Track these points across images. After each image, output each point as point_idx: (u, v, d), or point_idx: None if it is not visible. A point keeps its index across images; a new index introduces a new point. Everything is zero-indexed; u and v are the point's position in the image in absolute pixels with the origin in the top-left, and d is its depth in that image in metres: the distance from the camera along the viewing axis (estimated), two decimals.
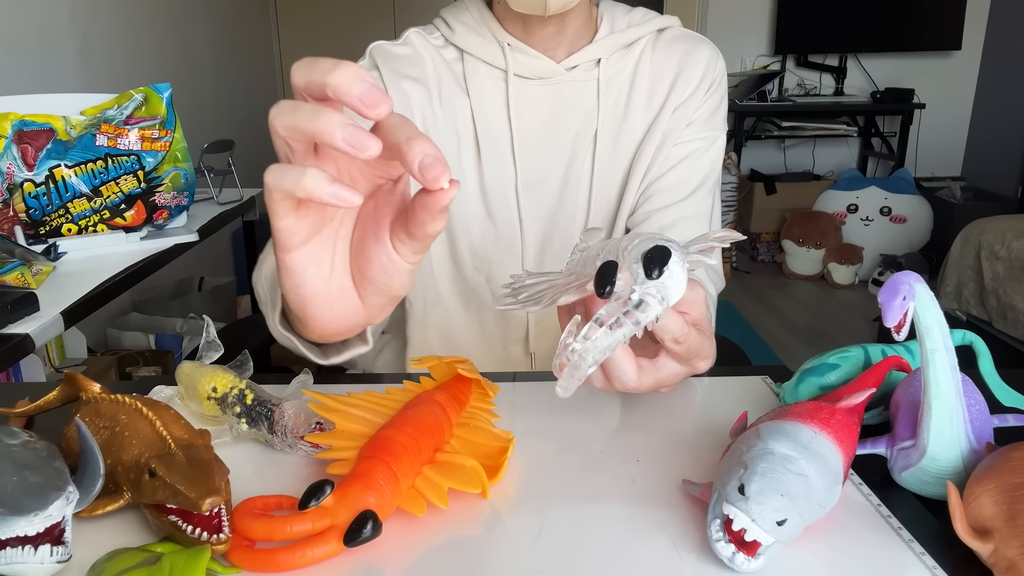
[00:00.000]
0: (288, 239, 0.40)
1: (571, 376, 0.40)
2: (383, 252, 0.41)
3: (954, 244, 2.80)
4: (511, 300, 0.50)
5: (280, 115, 0.35)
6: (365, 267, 0.42)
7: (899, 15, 3.88)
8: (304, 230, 0.40)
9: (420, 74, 0.82)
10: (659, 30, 0.84)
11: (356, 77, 0.33)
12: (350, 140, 0.33)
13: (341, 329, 0.47)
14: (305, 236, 0.40)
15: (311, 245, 0.41)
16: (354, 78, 0.33)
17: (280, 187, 0.35)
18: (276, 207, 0.38)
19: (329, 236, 0.42)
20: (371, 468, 0.43)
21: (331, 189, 0.34)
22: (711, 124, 0.83)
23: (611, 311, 0.40)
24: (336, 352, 0.59)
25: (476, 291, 0.87)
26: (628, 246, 0.42)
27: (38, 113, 1.19)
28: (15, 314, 0.89)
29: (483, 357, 0.88)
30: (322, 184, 0.34)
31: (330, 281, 0.43)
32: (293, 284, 0.42)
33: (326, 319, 0.45)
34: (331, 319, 0.45)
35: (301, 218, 0.39)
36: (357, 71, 0.33)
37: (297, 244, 0.40)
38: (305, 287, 0.42)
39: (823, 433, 0.44)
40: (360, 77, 0.33)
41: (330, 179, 0.34)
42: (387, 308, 0.45)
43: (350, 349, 0.58)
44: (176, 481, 0.40)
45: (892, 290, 0.43)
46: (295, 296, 0.43)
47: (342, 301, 0.44)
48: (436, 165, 0.34)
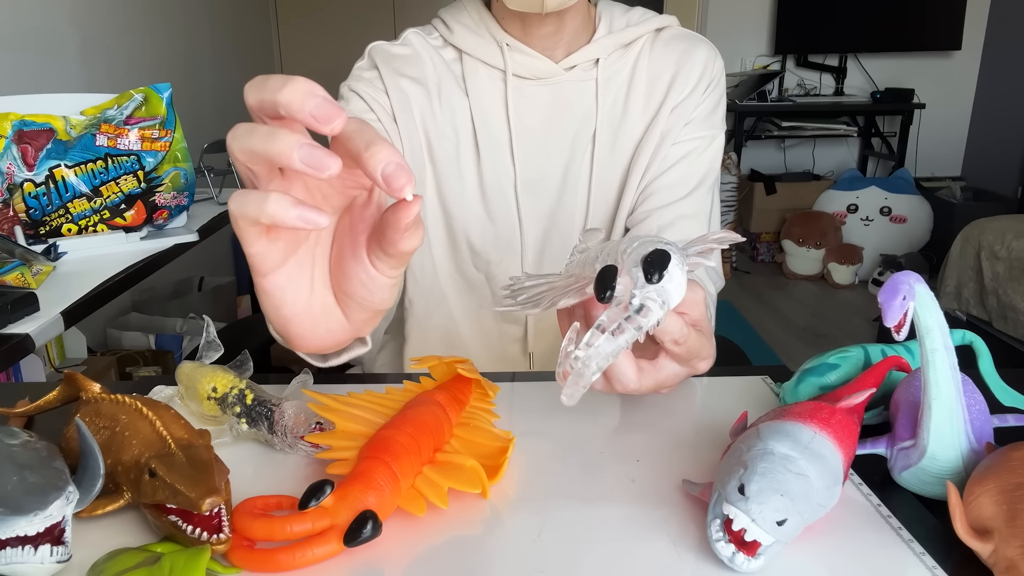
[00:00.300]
0: (262, 264, 0.38)
1: (575, 384, 0.40)
2: (361, 269, 0.40)
3: (954, 244, 2.80)
4: (510, 302, 0.50)
5: (236, 140, 0.34)
6: (345, 284, 0.41)
7: (899, 15, 3.88)
8: (277, 253, 0.38)
9: (419, 74, 0.82)
10: (657, 29, 0.84)
11: (306, 92, 0.32)
12: (307, 161, 0.32)
13: (327, 345, 0.45)
14: (279, 259, 0.39)
15: (287, 267, 0.40)
16: (303, 93, 0.32)
17: (244, 215, 0.34)
18: (244, 234, 0.36)
19: (306, 255, 0.41)
20: (371, 468, 0.43)
21: (296, 212, 0.33)
22: (709, 123, 0.83)
23: (612, 317, 0.40)
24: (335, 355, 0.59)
25: (476, 290, 0.87)
26: (627, 249, 0.42)
27: (38, 113, 1.19)
28: (15, 314, 0.89)
29: (482, 356, 0.88)
30: (286, 209, 0.33)
31: (311, 300, 0.42)
32: (273, 306, 0.41)
33: (310, 337, 0.44)
34: (315, 337, 0.44)
35: (273, 242, 0.38)
36: (307, 86, 0.32)
37: (272, 268, 0.39)
38: (285, 308, 0.41)
39: (823, 433, 0.44)
40: (310, 92, 0.32)
41: (294, 203, 0.33)
42: (372, 322, 0.44)
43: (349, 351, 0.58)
44: (176, 481, 0.40)
45: (892, 290, 0.43)
46: (276, 317, 0.42)
47: (325, 318, 0.43)
48: (400, 174, 0.33)
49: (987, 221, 2.74)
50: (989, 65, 4.05)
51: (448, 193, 0.83)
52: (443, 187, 0.83)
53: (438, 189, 0.84)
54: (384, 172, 0.33)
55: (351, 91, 0.81)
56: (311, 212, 0.33)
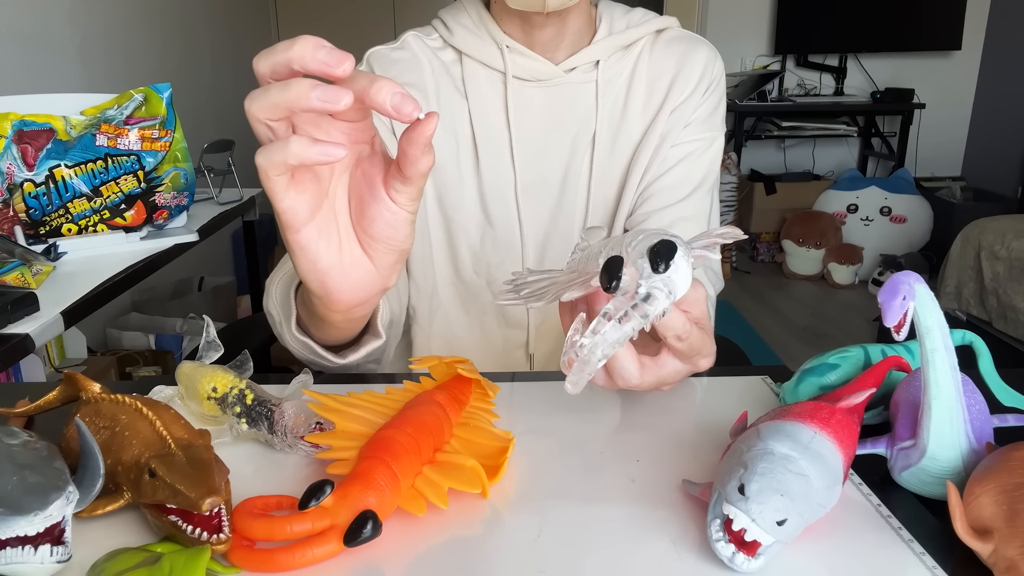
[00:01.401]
0: (294, 218, 0.43)
1: (580, 371, 0.41)
2: (383, 207, 0.44)
3: (954, 244, 2.80)
4: (512, 296, 0.50)
5: (255, 100, 0.38)
6: (369, 227, 0.45)
7: (899, 15, 3.88)
8: (305, 206, 0.43)
9: (418, 79, 0.82)
10: (658, 31, 0.84)
11: (315, 45, 0.36)
12: (323, 97, 0.36)
13: (362, 298, 0.50)
14: (308, 212, 0.43)
15: (316, 221, 0.44)
16: (313, 46, 0.36)
17: (272, 161, 0.38)
18: (274, 186, 0.40)
19: (329, 212, 0.45)
20: (371, 468, 0.43)
21: (318, 148, 0.37)
22: (709, 125, 0.83)
23: (619, 305, 0.40)
24: (352, 351, 0.59)
25: (476, 295, 0.87)
26: (632, 242, 0.42)
27: (38, 113, 1.19)
28: (15, 314, 0.89)
29: (485, 362, 0.88)
30: (308, 146, 0.37)
31: (341, 252, 0.46)
32: (309, 261, 0.45)
33: (345, 289, 0.48)
34: (350, 288, 0.48)
35: (300, 193, 0.42)
36: (314, 40, 0.36)
37: (304, 221, 0.43)
38: (320, 261, 0.45)
39: (823, 433, 0.44)
40: (319, 44, 0.36)
41: (313, 141, 0.37)
42: (398, 266, 0.49)
43: (365, 345, 0.59)
44: (176, 481, 0.40)
45: (892, 290, 0.43)
46: (313, 274, 0.46)
47: (356, 268, 0.47)
48: (406, 101, 0.37)
49: (987, 221, 2.74)
50: (989, 65, 4.05)
51: (448, 198, 0.83)
52: (443, 193, 0.83)
53: (438, 195, 0.83)
54: (392, 103, 0.37)
55: None
56: (330, 145, 0.37)
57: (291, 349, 0.64)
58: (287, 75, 0.37)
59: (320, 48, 0.36)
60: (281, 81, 0.37)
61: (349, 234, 0.47)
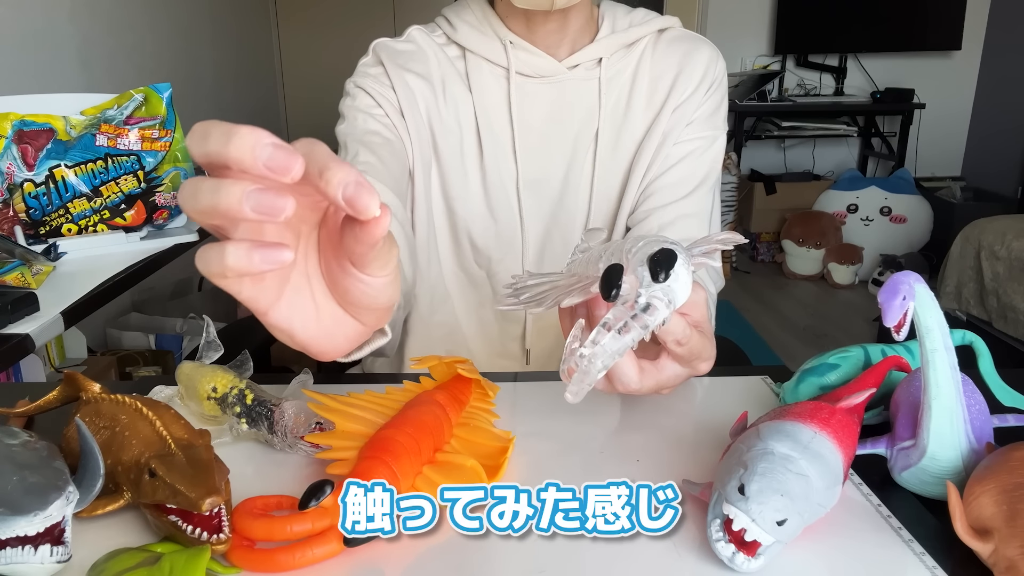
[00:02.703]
0: (258, 304, 0.37)
1: (581, 381, 0.40)
2: (354, 279, 0.38)
3: (954, 244, 2.80)
4: (513, 300, 0.50)
5: (185, 199, 0.32)
6: (345, 295, 0.40)
7: (899, 15, 3.88)
8: (269, 291, 0.37)
9: (424, 70, 0.82)
10: (660, 30, 0.84)
11: (254, 144, 0.30)
12: (259, 210, 0.30)
13: (352, 347, 0.45)
14: (273, 295, 0.37)
15: (285, 298, 0.38)
16: (251, 146, 0.30)
17: (210, 272, 0.32)
18: (225, 286, 0.34)
19: (300, 280, 0.39)
20: (371, 468, 0.43)
21: (259, 257, 0.31)
22: (711, 124, 0.83)
23: (618, 315, 0.40)
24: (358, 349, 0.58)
25: (477, 287, 0.87)
26: (632, 249, 0.42)
27: (38, 113, 1.19)
28: (15, 314, 0.89)
29: (482, 353, 0.88)
30: (247, 258, 0.31)
31: (319, 319, 0.40)
32: (286, 337, 0.40)
33: (331, 350, 0.43)
34: (336, 347, 0.43)
35: (258, 283, 0.36)
36: (253, 136, 0.30)
37: (270, 304, 0.37)
38: (297, 335, 0.40)
39: (823, 433, 0.44)
40: (258, 142, 0.30)
41: (251, 248, 0.31)
42: (385, 317, 0.43)
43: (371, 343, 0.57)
44: (176, 481, 0.40)
45: (892, 290, 0.43)
46: (292, 344, 0.41)
47: (339, 328, 0.42)
48: (361, 193, 0.31)
49: (987, 221, 2.73)
50: (989, 65, 4.05)
51: (452, 189, 0.83)
52: (447, 183, 0.83)
53: (443, 185, 0.84)
54: (344, 195, 0.31)
55: (357, 87, 0.81)
56: (271, 252, 0.32)
57: None
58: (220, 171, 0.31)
59: (261, 149, 0.29)
60: (212, 182, 0.31)
61: (326, 297, 0.40)
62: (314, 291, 0.40)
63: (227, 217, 0.31)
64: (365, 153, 0.75)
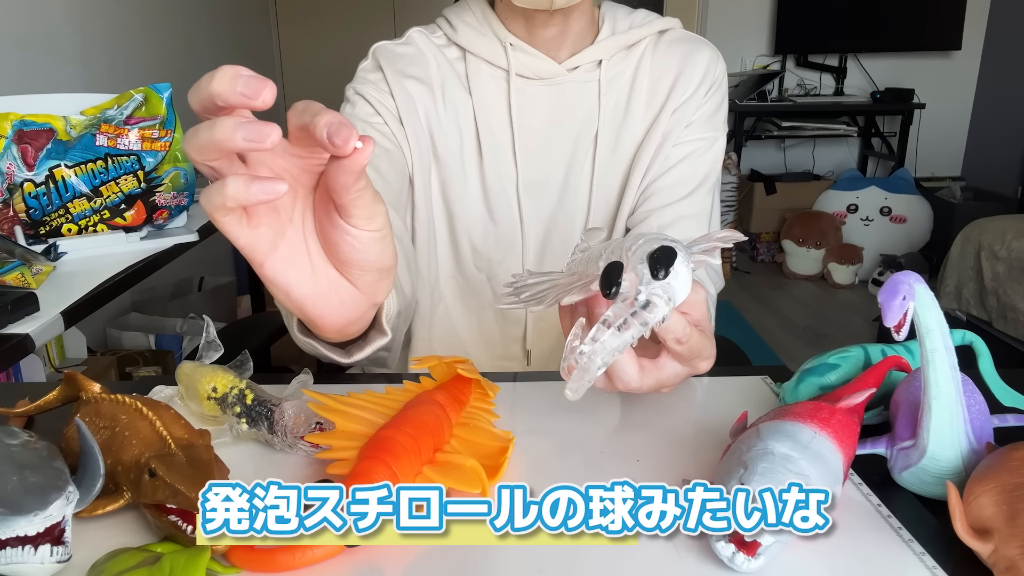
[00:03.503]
0: (254, 253, 0.40)
1: (580, 379, 0.40)
2: (342, 231, 0.40)
3: (954, 244, 2.80)
4: (513, 299, 0.50)
5: (187, 141, 0.36)
6: (336, 252, 0.42)
7: (899, 15, 3.88)
8: (264, 240, 0.40)
9: (423, 73, 0.82)
10: (660, 32, 0.84)
11: (231, 76, 0.34)
12: (248, 136, 0.34)
13: (349, 319, 0.47)
14: (269, 245, 0.40)
15: (281, 252, 0.41)
16: (230, 77, 0.34)
17: (212, 204, 0.36)
18: (225, 226, 0.38)
19: (296, 236, 0.42)
20: (371, 468, 0.43)
21: (256, 187, 0.35)
22: (711, 125, 0.83)
23: (618, 312, 0.40)
24: (358, 348, 0.58)
25: (477, 290, 0.87)
26: (632, 246, 0.42)
27: (38, 113, 1.19)
28: (15, 314, 0.89)
29: (483, 356, 0.88)
30: (245, 186, 0.35)
31: (315, 278, 0.43)
32: (282, 292, 0.42)
33: (328, 314, 0.45)
34: (332, 312, 0.45)
35: (255, 228, 0.39)
36: (231, 70, 0.34)
37: (266, 254, 0.40)
38: (292, 291, 0.42)
39: (823, 433, 0.44)
40: (236, 74, 0.34)
41: (249, 179, 0.35)
42: (382, 283, 0.45)
43: (371, 343, 0.57)
44: (176, 481, 0.41)
45: (892, 290, 0.43)
46: (289, 303, 0.43)
47: (335, 291, 0.44)
48: (342, 129, 0.35)
49: (987, 221, 2.73)
50: (989, 65, 4.05)
51: (452, 192, 0.83)
52: (447, 186, 0.84)
53: (442, 188, 0.84)
54: (328, 132, 0.35)
55: (356, 94, 0.81)
56: (267, 183, 0.35)
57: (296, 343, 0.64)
58: (216, 111, 0.35)
59: (236, 80, 0.34)
60: (209, 120, 0.35)
61: (322, 257, 0.43)
62: (310, 251, 0.42)
63: (222, 148, 0.34)
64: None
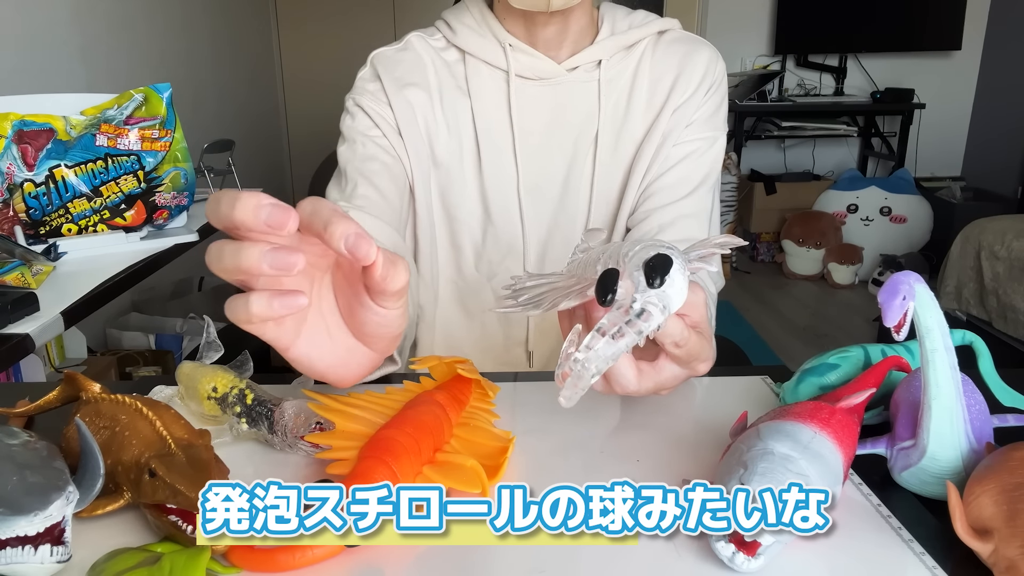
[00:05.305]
0: (279, 343, 0.42)
1: (574, 386, 0.41)
2: (370, 312, 0.43)
3: (954, 244, 2.80)
4: (511, 303, 0.50)
5: (212, 263, 0.37)
6: (361, 328, 0.44)
7: (899, 15, 3.88)
8: (290, 331, 0.42)
9: (421, 79, 0.82)
10: (659, 32, 0.84)
11: (255, 207, 0.35)
12: (275, 266, 0.35)
13: (365, 374, 0.50)
14: (294, 333, 0.43)
15: (303, 335, 0.43)
16: (252, 209, 0.35)
17: (238, 320, 0.38)
18: (251, 329, 0.39)
19: (316, 318, 0.44)
20: (371, 468, 0.43)
21: (278, 304, 0.37)
22: (711, 125, 0.83)
23: (613, 320, 0.40)
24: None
25: (478, 292, 0.87)
26: (629, 253, 0.42)
27: (38, 113, 1.19)
28: (15, 314, 0.89)
29: (485, 359, 0.88)
30: (268, 306, 0.37)
31: (335, 349, 0.45)
32: (306, 369, 0.45)
33: (346, 376, 0.48)
34: (350, 374, 0.48)
35: (280, 324, 0.41)
36: (253, 199, 0.35)
37: (291, 341, 0.43)
38: (316, 365, 0.45)
39: (823, 433, 0.44)
40: (258, 205, 0.34)
41: (271, 297, 0.37)
42: (396, 342, 0.48)
43: (379, 370, 0.59)
44: (176, 481, 0.41)
45: (892, 290, 0.43)
46: (311, 374, 0.46)
47: (353, 357, 0.47)
48: (360, 243, 0.36)
49: (987, 221, 2.73)
50: (989, 65, 4.05)
51: (451, 196, 0.83)
52: (446, 191, 0.83)
53: (442, 192, 0.84)
54: (347, 246, 0.36)
55: (356, 106, 0.81)
56: (288, 299, 0.37)
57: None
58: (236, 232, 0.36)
59: (260, 211, 0.34)
60: (233, 245, 0.36)
61: (341, 330, 0.45)
62: (329, 327, 0.45)
63: (249, 274, 0.36)
64: (364, 185, 0.77)
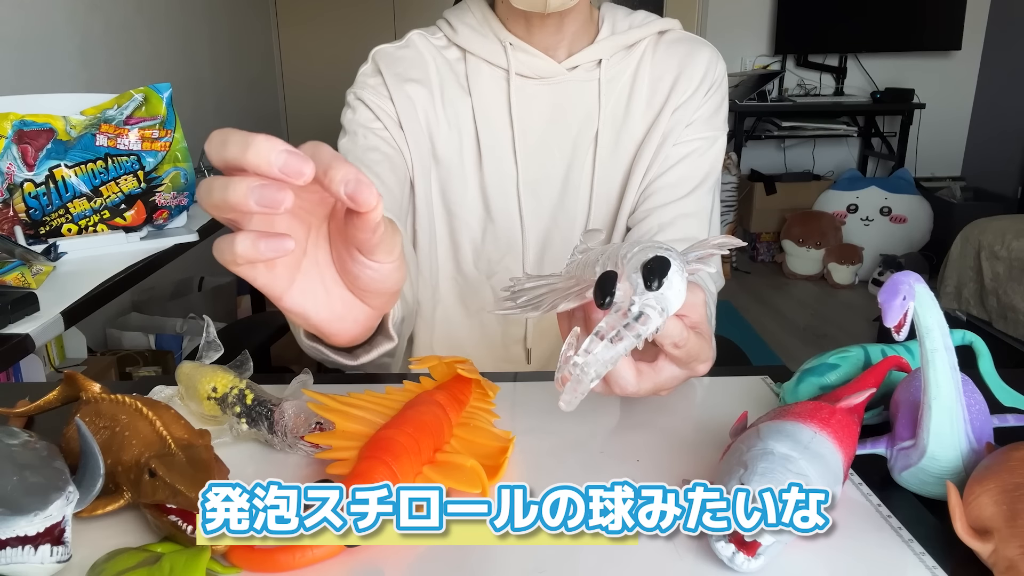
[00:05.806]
0: (273, 290, 0.41)
1: (574, 390, 0.40)
2: (363, 266, 0.42)
3: (954, 244, 2.80)
4: (510, 304, 0.50)
5: (201, 197, 0.36)
6: (355, 281, 0.44)
7: (899, 15, 3.88)
8: (283, 277, 0.41)
9: (422, 75, 0.83)
10: (660, 32, 0.84)
11: (269, 150, 0.33)
12: (263, 202, 0.34)
13: (361, 333, 0.49)
14: (286, 282, 0.42)
15: (298, 284, 0.43)
16: (267, 152, 0.33)
17: (224, 260, 0.37)
18: (240, 273, 0.39)
19: (311, 268, 0.43)
20: (371, 468, 0.43)
21: (263, 246, 0.35)
22: (711, 125, 0.83)
23: (611, 323, 0.40)
24: (364, 352, 0.60)
25: (477, 290, 0.87)
26: (627, 254, 0.42)
27: (38, 113, 1.19)
28: (15, 314, 0.89)
29: (484, 357, 0.88)
30: (254, 246, 0.35)
31: (331, 302, 0.45)
32: (301, 320, 0.45)
33: (342, 332, 0.47)
34: (346, 330, 0.47)
35: (271, 270, 0.41)
36: (268, 144, 0.33)
37: (284, 289, 0.42)
38: (311, 317, 0.44)
39: (823, 433, 0.44)
40: (273, 149, 0.33)
41: (257, 237, 0.35)
42: (393, 299, 0.47)
43: (377, 347, 0.59)
44: (176, 481, 0.41)
45: (892, 290, 0.43)
46: (306, 326, 0.46)
47: (349, 311, 0.46)
48: (360, 188, 0.35)
49: (987, 221, 2.73)
50: (989, 65, 4.05)
51: (452, 194, 0.84)
52: (446, 187, 0.84)
53: (442, 189, 0.84)
54: (347, 191, 0.36)
55: (357, 99, 0.82)
56: (275, 241, 0.36)
57: (302, 348, 0.64)
58: (233, 171, 0.35)
59: (277, 155, 0.33)
60: (222, 180, 0.35)
61: (336, 283, 0.45)
62: (324, 278, 0.44)
63: (236, 210, 0.35)
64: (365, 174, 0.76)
